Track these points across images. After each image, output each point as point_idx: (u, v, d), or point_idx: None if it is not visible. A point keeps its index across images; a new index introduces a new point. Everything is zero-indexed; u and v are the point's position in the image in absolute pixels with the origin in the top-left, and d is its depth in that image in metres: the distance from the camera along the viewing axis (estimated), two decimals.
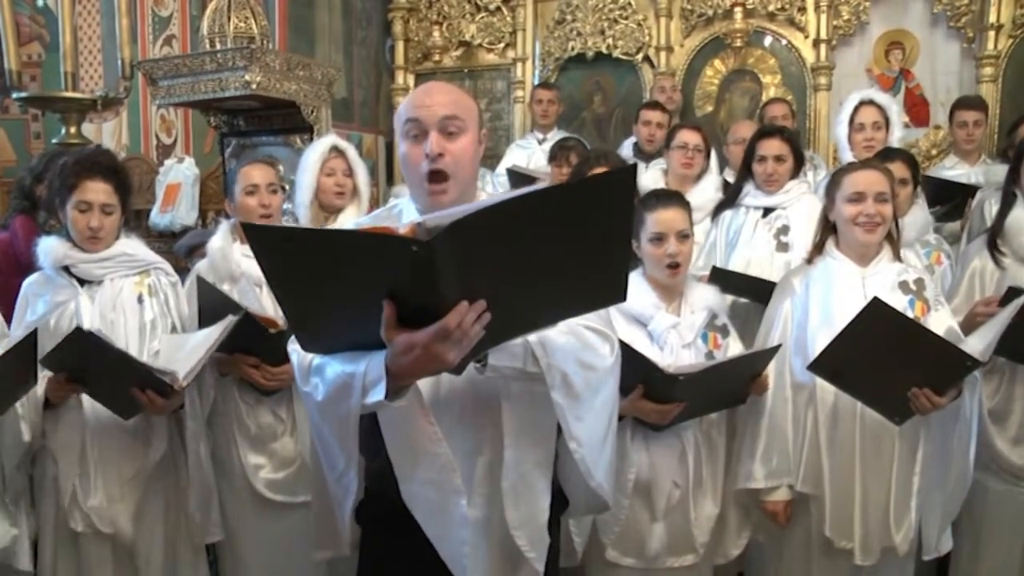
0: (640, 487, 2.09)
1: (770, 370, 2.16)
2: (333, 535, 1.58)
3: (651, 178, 3.45)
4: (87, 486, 2.17)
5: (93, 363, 2.04)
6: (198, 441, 2.22)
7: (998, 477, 2.44)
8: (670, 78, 5.07)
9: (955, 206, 3.25)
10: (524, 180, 3.51)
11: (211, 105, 3.86)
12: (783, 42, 5.18)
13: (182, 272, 2.55)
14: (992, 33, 4.71)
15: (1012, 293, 2.25)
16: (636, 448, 2.09)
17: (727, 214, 3.00)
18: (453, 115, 1.43)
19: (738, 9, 5.02)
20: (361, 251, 1.14)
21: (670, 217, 2.11)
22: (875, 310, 1.87)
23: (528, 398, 1.45)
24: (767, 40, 5.23)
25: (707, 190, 3.29)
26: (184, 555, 2.35)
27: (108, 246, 2.24)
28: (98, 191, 2.17)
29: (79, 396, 2.15)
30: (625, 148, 4.17)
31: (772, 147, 2.88)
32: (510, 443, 1.45)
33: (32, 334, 2.00)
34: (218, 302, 2.21)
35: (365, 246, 1.14)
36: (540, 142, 4.62)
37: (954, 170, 3.79)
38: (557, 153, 3.51)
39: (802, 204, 2.83)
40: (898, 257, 2.21)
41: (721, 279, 2.57)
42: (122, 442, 2.21)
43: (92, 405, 2.16)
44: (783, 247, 2.80)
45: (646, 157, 3.89)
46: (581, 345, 1.45)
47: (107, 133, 5.36)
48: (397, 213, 1.55)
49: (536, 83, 5.31)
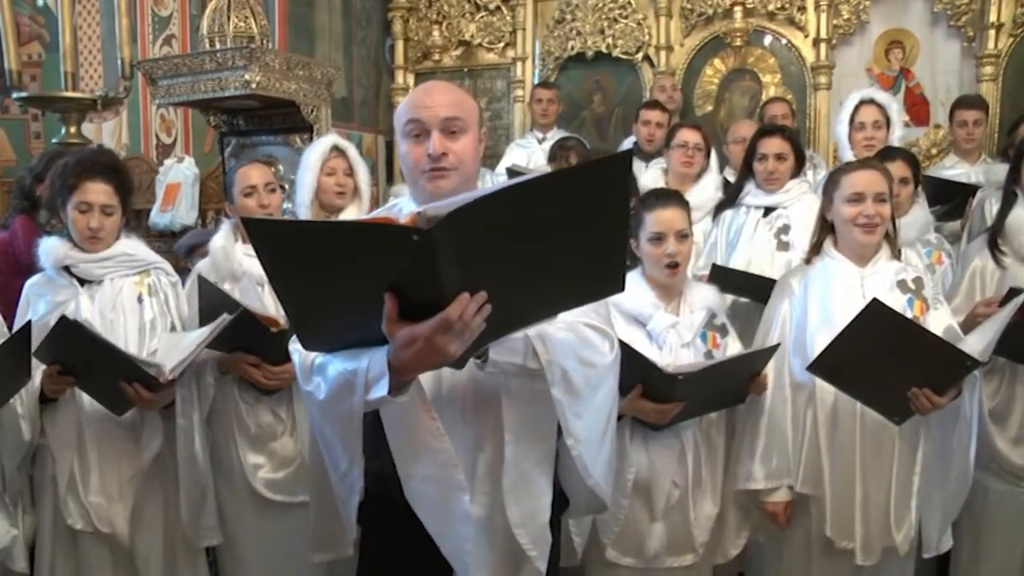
0: (639, 487, 2.09)
1: (769, 370, 2.16)
2: (334, 536, 1.58)
3: (651, 177, 3.45)
4: (86, 483, 2.17)
5: (81, 354, 2.04)
6: (189, 440, 2.22)
7: (999, 477, 2.44)
8: (670, 77, 5.06)
9: (955, 205, 3.25)
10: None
11: (211, 105, 3.86)
12: (783, 41, 5.17)
13: (182, 272, 2.55)
14: (992, 32, 4.71)
15: (1013, 294, 2.24)
16: (635, 448, 2.09)
17: (728, 213, 3.00)
18: (455, 116, 1.44)
19: (738, 8, 5.02)
20: (361, 241, 1.14)
21: (669, 217, 2.11)
22: (874, 311, 1.87)
23: (528, 395, 1.45)
24: (767, 39, 5.23)
25: (707, 189, 3.30)
26: (183, 556, 2.34)
27: (108, 246, 2.25)
28: (98, 192, 2.18)
29: (77, 393, 2.15)
30: (625, 147, 4.17)
31: (773, 145, 2.88)
32: (511, 440, 1.45)
33: (25, 330, 2.00)
34: (219, 301, 2.21)
35: (365, 236, 1.14)
36: (540, 141, 4.63)
37: (954, 169, 3.79)
38: (557, 153, 3.51)
39: (803, 203, 2.83)
40: (896, 256, 2.21)
41: (721, 277, 2.57)
42: (120, 442, 2.21)
43: (90, 403, 2.16)
44: (784, 246, 2.80)
45: (646, 156, 3.89)
46: (581, 342, 1.45)
47: (107, 133, 5.36)
48: (398, 211, 1.55)
49: (536, 82, 5.31)
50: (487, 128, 1.62)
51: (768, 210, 2.90)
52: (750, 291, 2.64)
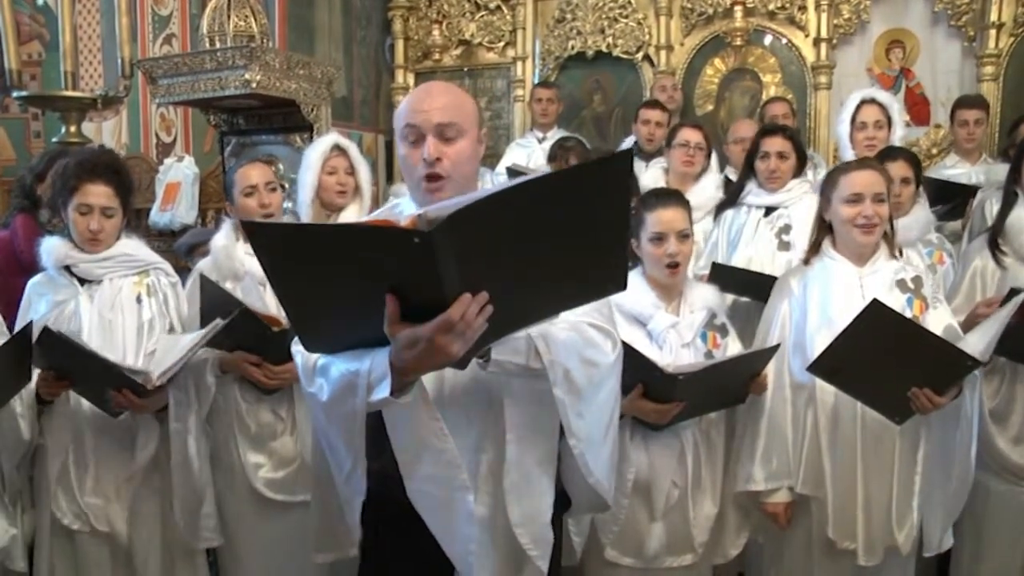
0: (639, 487, 2.09)
1: (769, 371, 2.16)
2: (337, 536, 1.58)
3: (651, 177, 3.45)
4: (82, 483, 2.17)
5: (70, 361, 2.04)
6: (183, 444, 2.21)
7: (999, 477, 2.43)
8: (670, 77, 5.06)
9: (955, 205, 3.25)
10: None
11: (211, 104, 3.86)
12: (783, 41, 5.17)
13: (181, 271, 2.55)
14: (993, 32, 4.70)
15: (1013, 294, 2.24)
16: (635, 448, 2.09)
17: (729, 213, 3.00)
18: (450, 121, 1.43)
19: (738, 8, 5.02)
20: (362, 244, 1.14)
21: (670, 217, 2.11)
22: (874, 311, 1.86)
23: (530, 395, 1.45)
24: (767, 39, 5.22)
25: (707, 189, 3.30)
26: (182, 555, 2.34)
27: (109, 247, 2.25)
28: (99, 194, 2.17)
29: (73, 395, 2.15)
30: (625, 147, 4.17)
31: (775, 144, 2.88)
32: (512, 440, 1.45)
33: (26, 331, 2.00)
34: (222, 300, 2.21)
35: (366, 239, 1.14)
36: (540, 141, 4.62)
37: (955, 169, 3.79)
38: (557, 153, 3.51)
39: (804, 203, 2.82)
40: (894, 255, 2.21)
41: (722, 276, 2.57)
42: (117, 442, 2.21)
43: (87, 404, 2.16)
44: (785, 246, 2.80)
45: (646, 156, 3.89)
46: (583, 342, 1.45)
47: (107, 132, 5.36)
48: (399, 212, 1.55)
49: (536, 82, 5.31)
50: (487, 128, 1.61)
51: (769, 210, 2.90)
52: (751, 289, 2.64)
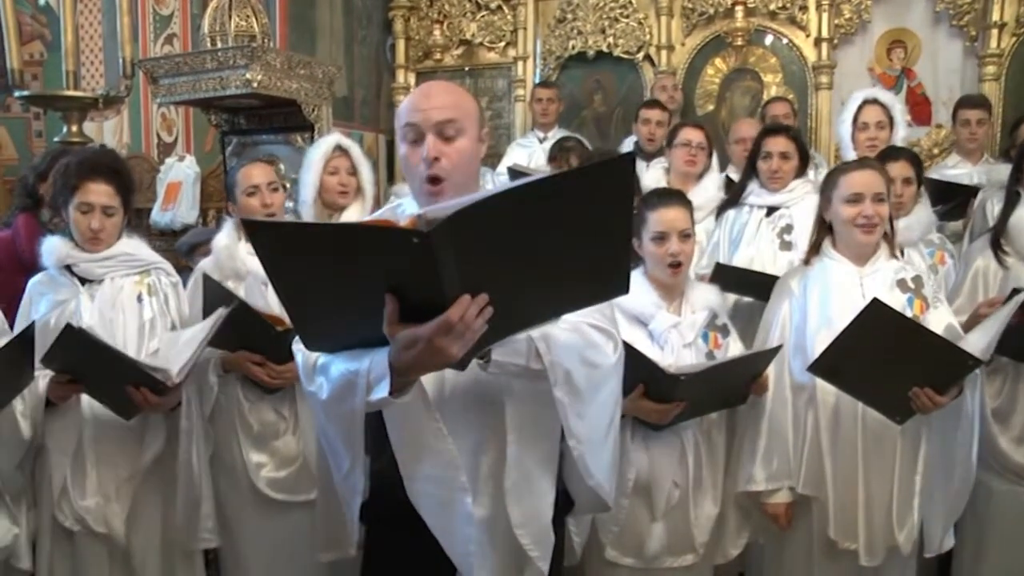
0: (640, 487, 2.09)
1: (769, 372, 2.15)
2: (339, 536, 1.57)
3: (653, 177, 3.45)
4: (82, 484, 2.17)
5: (88, 361, 2.04)
6: (191, 440, 2.21)
7: (1001, 477, 2.43)
8: (671, 77, 5.06)
9: (956, 205, 3.25)
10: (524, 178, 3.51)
11: (212, 103, 3.86)
12: (784, 41, 5.17)
13: (182, 271, 2.55)
14: (995, 31, 4.70)
15: (1015, 294, 2.24)
16: (636, 448, 2.09)
17: (731, 213, 3.00)
18: (449, 119, 1.42)
19: (739, 8, 5.03)
20: (361, 244, 1.13)
21: (672, 216, 2.11)
22: (875, 311, 1.86)
23: (531, 396, 1.45)
24: (768, 39, 5.22)
25: (709, 189, 3.29)
26: (180, 555, 2.34)
27: (110, 246, 2.24)
28: (100, 193, 2.18)
29: (78, 397, 2.15)
30: (626, 147, 4.17)
31: (778, 144, 2.88)
32: (513, 440, 1.45)
33: (28, 331, 2.00)
34: (224, 299, 2.21)
35: (365, 239, 1.13)
36: (541, 140, 4.63)
37: (956, 169, 3.78)
38: (557, 153, 3.50)
39: (806, 203, 2.81)
40: (894, 255, 2.21)
41: (725, 275, 2.56)
42: (119, 441, 2.20)
43: (91, 403, 2.16)
44: (787, 246, 2.80)
45: (647, 156, 3.89)
46: (584, 343, 1.45)
47: (108, 131, 5.36)
48: (401, 212, 1.55)
49: (537, 82, 5.31)
50: (488, 128, 1.61)
51: (771, 210, 2.90)
52: (755, 289, 2.63)
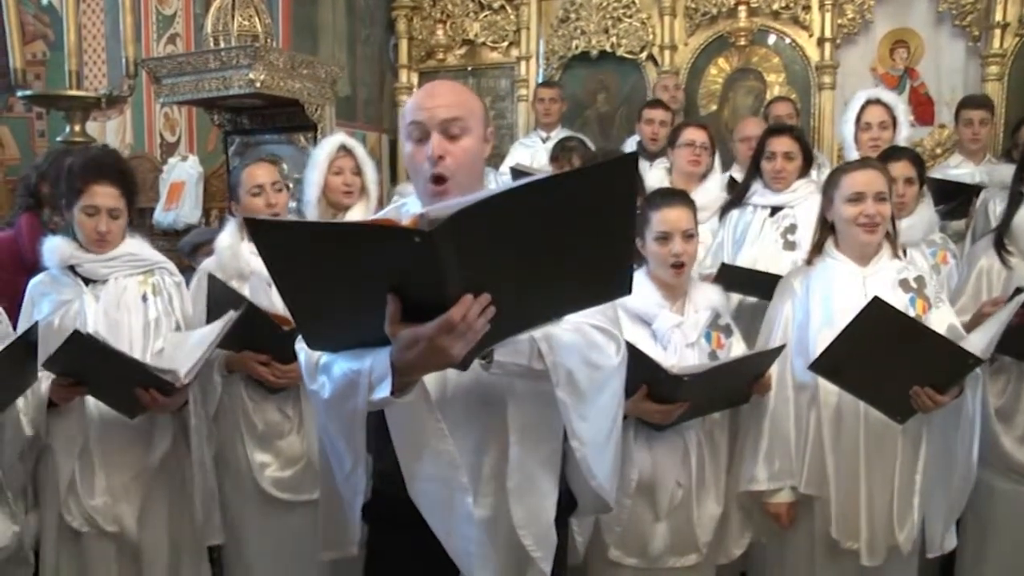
0: (643, 487, 2.09)
1: (772, 371, 2.15)
2: (341, 535, 1.58)
3: (655, 177, 3.45)
4: (89, 484, 2.17)
5: (94, 365, 2.04)
6: (202, 440, 2.22)
7: (1004, 476, 2.43)
8: (673, 77, 5.06)
9: (959, 204, 3.24)
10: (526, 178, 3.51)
11: (215, 103, 3.85)
12: (787, 41, 5.17)
13: (185, 270, 2.55)
14: (998, 31, 4.69)
15: (1018, 294, 2.24)
16: (639, 448, 2.09)
17: (734, 213, 3.00)
18: (455, 117, 1.42)
19: (742, 8, 5.02)
20: (363, 243, 1.13)
21: (675, 217, 2.11)
22: (876, 309, 1.86)
23: (533, 396, 1.45)
24: (771, 39, 5.22)
25: (712, 189, 3.29)
26: (187, 555, 2.34)
27: (114, 247, 2.25)
28: (106, 196, 2.17)
29: (83, 397, 2.15)
30: (628, 147, 4.17)
31: (782, 144, 2.88)
32: (515, 441, 1.45)
33: (31, 331, 1.99)
34: (229, 298, 2.21)
35: (367, 238, 1.13)
36: (544, 140, 4.63)
37: (959, 169, 3.78)
38: (559, 153, 3.50)
39: (809, 203, 2.80)
40: (897, 255, 2.21)
41: (730, 275, 2.56)
42: (125, 440, 2.20)
43: (96, 403, 2.16)
44: (790, 246, 2.80)
45: (650, 156, 3.89)
46: (587, 344, 1.45)
47: (111, 131, 5.36)
48: (405, 211, 1.55)
49: (540, 81, 5.31)
50: (493, 128, 1.61)
51: (775, 210, 2.90)
52: (759, 289, 2.62)
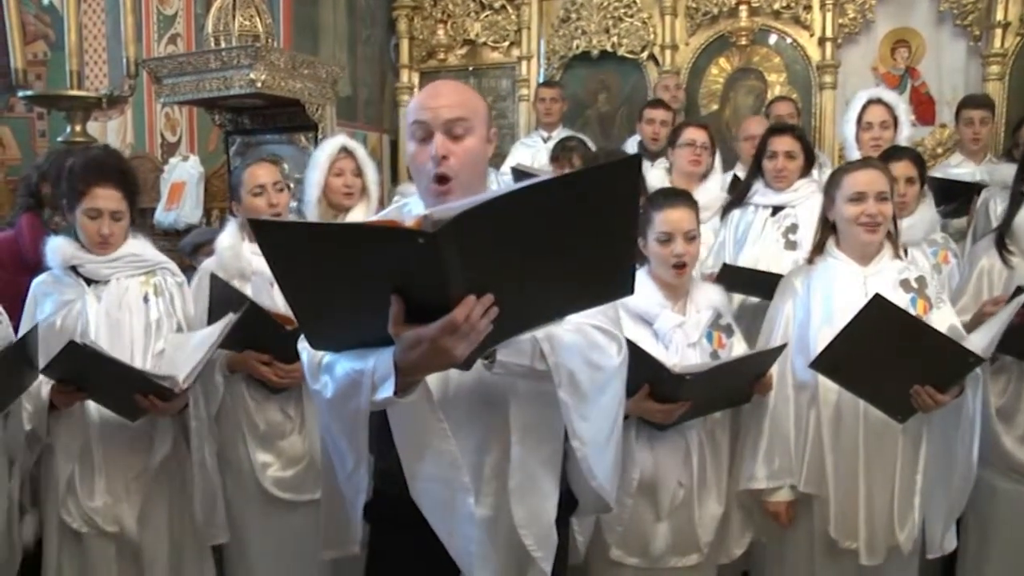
0: (644, 486, 2.09)
1: (772, 371, 2.15)
2: (342, 534, 1.58)
3: (656, 177, 3.45)
4: (90, 485, 2.17)
5: (92, 372, 2.04)
6: (202, 441, 2.22)
7: (1005, 476, 2.43)
8: (674, 76, 5.06)
9: (959, 204, 3.24)
10: (528, 179, 3.51)
11: (216, 103, 3.86)
12: (788, 40, 5.16)
13: (186, 270, 2.55)
14: (999, 31, 4.69)
15: (1019, 292, 2.24)
16: (640, 448, 2.10)
17: (736, 212, 3.00)
18: (459, 117, 1.42)
19: (743, 7, 5.01)
20: (367, 244, 1.14)
21: (677, 217, 2.11)
22: (877, 306, 1.87)
23: (535, 396, 1.45)
24: (772, 38, 5.22)
25: (712, 189, 3.30)
26: (189, 555, 2.34)
27: (117, 249, 2.24)
28: (108, 198, 2.17)
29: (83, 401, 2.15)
30: (629, 147, 4.17)
31: (783, 143, 2.88)
32: (517, 441, 1.45)
33: (32, 333, 2.00)
34: (231, 298, 2.21)
35: (371, 239, 1.13)
36: (545, 140, 4.63)
37: (960, 168, 3.78)
38: (559, 153, 3.50)
39: (811, 202, 2.80)
40: (898, 255, 2.21)
41: (732, 275, 2.56)
42: (126, 441, 2.20)
43: (97, 406, 2.16)
44: (792, 245, 2.80)
45: (651, 156, 3.89)
46: (589, 344, 1.45)
47: (112, 131, 5.36)
48: (407, 212, 1.55)
49: (540, 81, 5.31)
50: (496, 128, 1.61)
51: (776, 209, 2.90)
52: (761, 289, 2.62)
